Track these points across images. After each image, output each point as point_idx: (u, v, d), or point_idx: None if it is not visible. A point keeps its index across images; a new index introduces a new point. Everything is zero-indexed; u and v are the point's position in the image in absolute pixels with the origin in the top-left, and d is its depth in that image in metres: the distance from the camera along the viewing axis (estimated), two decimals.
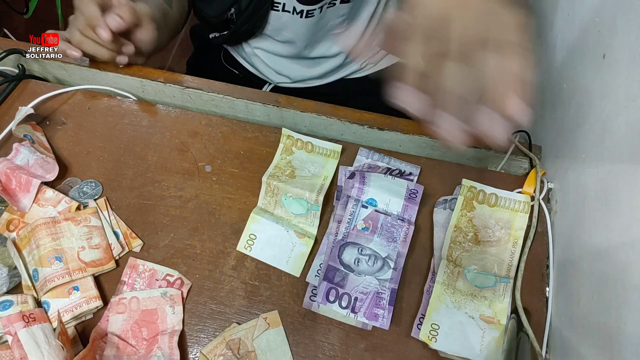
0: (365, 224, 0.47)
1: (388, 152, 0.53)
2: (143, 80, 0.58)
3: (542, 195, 0.49)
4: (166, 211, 0.50)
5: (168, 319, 0.44)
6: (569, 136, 0.48)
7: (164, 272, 0.47)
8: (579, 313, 0.41)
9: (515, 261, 0.46)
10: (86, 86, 0.57)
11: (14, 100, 0.56)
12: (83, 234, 0.46)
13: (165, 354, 0.42)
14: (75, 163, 0.52)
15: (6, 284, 0.44)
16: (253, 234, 0.48)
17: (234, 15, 0.66)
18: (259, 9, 0.65)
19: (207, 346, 0.43)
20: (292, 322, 0.45)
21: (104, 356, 0.42)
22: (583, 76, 0.47)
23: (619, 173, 0.38)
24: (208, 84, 0.57)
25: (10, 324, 0.38)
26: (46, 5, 1.55)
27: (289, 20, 0.67)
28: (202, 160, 0.53)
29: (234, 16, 0.66)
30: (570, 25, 0.51)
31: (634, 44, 0.37)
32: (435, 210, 0.50)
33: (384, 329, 0.43)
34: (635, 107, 0.36)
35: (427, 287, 0.46)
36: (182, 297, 0.45)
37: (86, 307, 0.43)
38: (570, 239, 0.45)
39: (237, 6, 0.65)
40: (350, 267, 0.45)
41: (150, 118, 0.56)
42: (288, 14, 0.66)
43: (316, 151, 0.53)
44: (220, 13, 0.66)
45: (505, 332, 0.43)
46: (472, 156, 0.56)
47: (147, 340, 0.43)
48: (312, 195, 0.48)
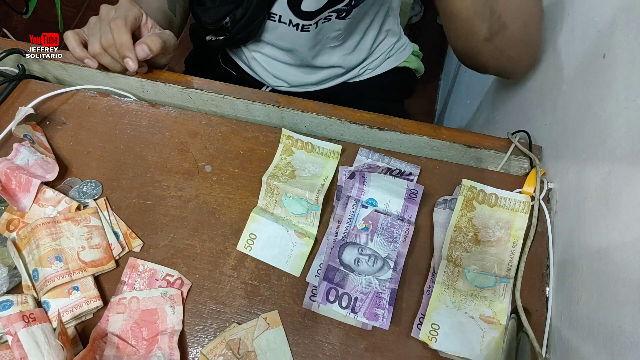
0: (365, 224, 0.47)
1: (388, 152, 0.53)
2: (143, 80, 0.58)
3: (542, 195, 0.49)
4: (166, 211, 0.50)
5: (168, 319, 0.44)
6: (569, 136, 0.48)
7: (164, 272, 0.47)
8: (579, 313, 0.41)
9: (515, 261, 0.46)
10: (86, 86, 0.57)
11: (14, 100, 0.56)
12: (83, 234, 0.46)
13: (165, 354, 0.42)
14: (75, 163, 0.52)
15: (6, 284, 0.44)
16: (253, 233, 0.48)
17: (229, 23, 0.66)
18: (253, 20, 0.65)
19: (207, 346, 0.43)
20: (292, 322, 0.45)
21: (104, 356, 0.42)
22: (583, 76, 0.47)
23: (619, 173, 0.38)
24: (208, 84, 0.57)
25: (11, 323, 0.38)
26: (46, 5, 1.55)
27: (286, 32, 0.67)
28: (202, 160, 0.53)
29: (229, 24, 0.66)
30: (570, 25, 0.51)
31: (634, 43, 0.37)
32: (435, 210, 0.50)
33: (384, 329, 0.43)
34: (635, 107, 0.36)
35: (427, 287, 0.46)
36: (182, 297, 0.45)
37: (86, 307, 0.43)
38: (570, 239, 0.45)
39: (232, 16, 0.65)
40: (350, 267, 0.45)
41: (150, 118, 0.56)
42: (284, 25, 0.66)
43: (316, 151, 0.53)
44: (216, 21, 0.66)
45: (505, 332, 0.43)
46: (472, 156, 0.56)
47: (147, 340, 0.43)
48: (312, 195, 0.48)
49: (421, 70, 0.87)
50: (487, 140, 0.55)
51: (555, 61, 0.54)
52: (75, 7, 1.73)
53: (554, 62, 0.55)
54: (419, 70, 0.87)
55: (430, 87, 1.63)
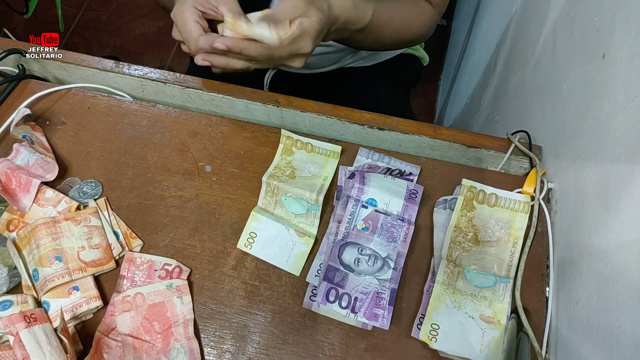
0: (365, 224, 0.47)
1: (388, 152, 0.53)
2: (143, 80, 0.58)
3: (542, 195, 0.49)
4: (166, 211, 0.50)
5: (178, 309, 0.44)
6: (569, 136, 0.48)
7: (161, 262, 0.47)
8: (579, 313, 0.41)
9: (515, 261, 0.46)
10: (85, 84, 0.57)
11: (14, 100, 0.56)
12: (83, 234, 0.46)
13: (184, 345, 0.42)
14: (75, 163, 0.52)
15: (6, 284, 0.44)
16: (253, 232, 0.48)
17: None
18: None
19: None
20: (292, 322, 0.45)
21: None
22: (582, 76, 0.47)
23: (618, 172, 0.38)
24: (208, 84, 0.57)
25: (12, 324, 0.38)
26: (46, 5, 1.55)
27: None
28: (202, 160, 0.53)
29: None
30: (570, 25, 0.51)
31: (633, 43, 0.37)
32: (435, 210, 0.50)
33: (384, 329, 0.43)
34: (634, 106, 0.36)
35: (427, 287, 0.46)
36: (189, 286, 0.46)
37: (86, 307, 0.43)
38: (570, 239, 0.45)
39: None
40: (350, 267, 0.45)
41: (150, 118, 0.56)
42: None
43: (316, 151, 0.53)
44: None
45: (505, 332, 0.43)
46: (472, 156, 0.56)
47: (161, 334, 0.43)
48: (312, 195, 0.48)
49: (426, 59, 0.89)
50: (487, 140, 0.55)
51: (554, 61, 0.54)
52: (76, 7, 1.73)
53: (554, 62, 0.55)
54: (424, 59, 0.88)
55: (430, 87, 1.63)
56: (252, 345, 0.44)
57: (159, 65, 1.64)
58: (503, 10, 0.85)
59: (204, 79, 0.58)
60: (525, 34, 0.70)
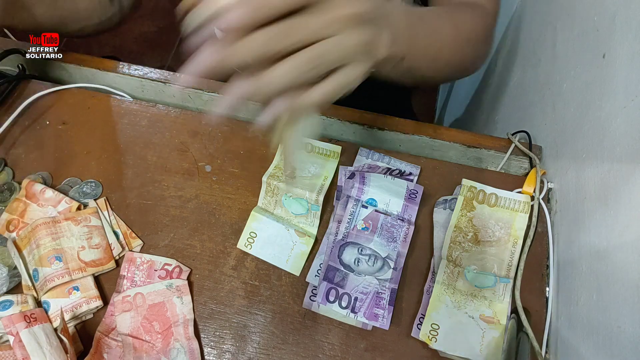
0: (365, 224, 0.47)
1: (388, 152, 0.53)
2: (143, 80, 0.58)
3: (542, 195, 0.49)
4: (166, 211, 0.50)
5: (177, 309, 0.44)
6: (569, 136, 0.48)
7: (161, 262, 0.47)
8: (579, 313, 0.41)
9: (515, 261, 0.46)
10: (85, 84, 0.57)
11: (14, 100, 0.56)
12: (83, 234, 0.46)
13: (184, 345, 0.42)
14: (75, 163, 0.52)
15: (6, 284, 0.44)
16: (254, 232, 0.48)
17: None
18: None
19: None
20: (292, 322, 0.45)
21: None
22: (583, 76, 0.47)
23: (618, 172, 0.38)
24: (208, 84, 0.57)
25: (12, 324, 0.38)
26: None
27: None
28: (202, 160, 0.53)
29: None
30: (570, 25, 0.51)
31: (633, 42, 0.37)
32: (435, 210, 0.50)
33: (384, 329, 0.43)
34: (634, 106, 0.36)
35: (427, 287, 0.46)
36: (189, 286, 0.45)
37: (86, 307, 0.43)
38: (570, 239, 0.45)
39: None
40: (350, 267, 0.45)
41: (150, 118, 0.56)
42: None
43: (316, 152, 0.53)
44: None
45: (505, 332, 0.43)
46: (472, 156, 0.56)
47: (161, 334, 0.43)
48: (312, 195, 0.48)
49: None
50: (487, 140, 0.55)
51: (554, 61, 0.54)
52: None
53: (554, 62, 0.55)
54: None
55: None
56: (252, 345, 0.44)
57: (159, 65, 1.63)
58: (503, 9, 0.85)
59: (204, 79, 0.58)
60: (525, 33, 0.70)
